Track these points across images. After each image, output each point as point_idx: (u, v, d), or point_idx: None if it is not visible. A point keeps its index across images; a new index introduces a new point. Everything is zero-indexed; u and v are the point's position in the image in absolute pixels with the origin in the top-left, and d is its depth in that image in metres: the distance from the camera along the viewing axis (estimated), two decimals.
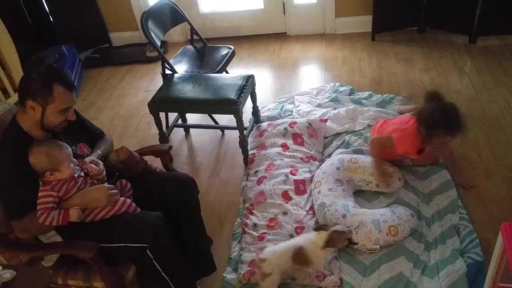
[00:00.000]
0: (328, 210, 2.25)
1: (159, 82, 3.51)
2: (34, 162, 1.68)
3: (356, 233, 2.13)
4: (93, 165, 1.83)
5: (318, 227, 2.03)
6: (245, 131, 2.77)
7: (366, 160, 2.49)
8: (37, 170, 1.70)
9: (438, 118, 2.19)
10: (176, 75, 2.94)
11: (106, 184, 1.81)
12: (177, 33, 4.53)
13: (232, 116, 2.66)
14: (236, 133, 2.80)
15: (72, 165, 1.74)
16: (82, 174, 1.80)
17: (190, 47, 3.38)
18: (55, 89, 1.68)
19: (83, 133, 1.99)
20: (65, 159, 1.71)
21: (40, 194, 1.69)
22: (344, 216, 2.20)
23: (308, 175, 2.58)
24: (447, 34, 4.05)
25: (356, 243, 2.06)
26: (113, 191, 1.78)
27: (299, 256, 1.94)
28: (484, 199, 2.40)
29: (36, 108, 1.70)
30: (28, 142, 1.71)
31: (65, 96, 1.71)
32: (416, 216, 2.25)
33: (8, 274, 1.49)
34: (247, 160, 2.82)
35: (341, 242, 1.96)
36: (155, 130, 2.93)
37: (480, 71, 3.50)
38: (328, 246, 1.93)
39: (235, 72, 3.27)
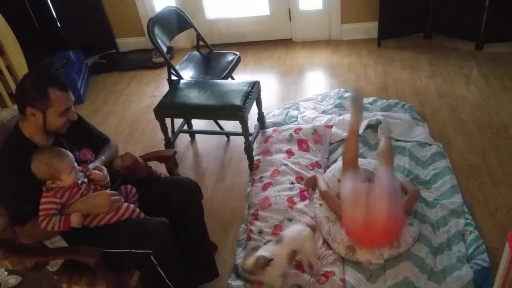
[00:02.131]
0: (333, 225, 2.25)
1: (165, 88, 3.52)
2: (35, 170, 1.68)
3: (360, 249, 2.11)
4: (96, 171, 1.83)
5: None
6: (250, 137, 2.77)
7: (369, 165, 2.47)
8: (38, 178, 1.70)
9: None
10: (182, 81, 2.95)
11: (108, 191, 1.81)
12: (183, 39, 4.55)
13: (237, 122, 2.67)
14: (241, 139, 2.80)
15: (73, 173, 1.73)
16: (86, 180, 1.79)
17: (196, 53, 3.39)
18: (51, 93, 1.68)
19: (87, 138, 2.00)
20: (65, 168, 1.70)
21: (42, 200, 1.69)
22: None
23: None
24: (453, 41, 4.04)
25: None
26: (115, 197, 1.78)
27: None
28: (491, 206, 2.38)
29: (37, 115, 1.70)
30: (31, 149, 1.71)
31: (62, 98, 1.71)
32: (419, 221, 2.24)
33: (13, 280, 1.50)
34: (252, 166, 2.82)
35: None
36: (161, 135, 2.93)
37: (487, 78, 3.48)
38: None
39: (240, 78, 3.27)
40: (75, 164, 1.77)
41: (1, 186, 1.71)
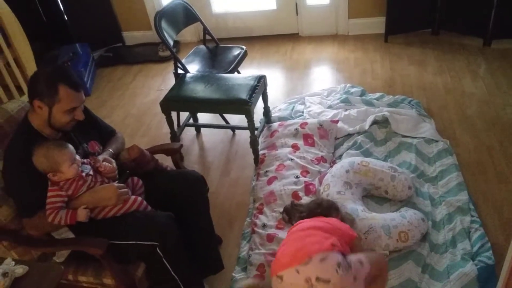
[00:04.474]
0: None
1: (171, 81, 3.53)
2: (36, 164, 1.69)
3: (366, 238, 2.10)
4: (106, 163, 1.84)
5: None
6: (256, 131, 2.77)
7: (377, 163, 2.47)
8: (40, 171, 1.71)
9: None
10: (188, 74, 2.96)
11: (115, 183, 1.82)
12: (190, 33, 4.55)
13: (243, 116, 2.67)
14: (247, 133, 2.81)
15: (75, 165, 1.72)
16: (91, 172, 1.80)
17: (202, 47, 3.39)
18: (61, 89, 1.69)
19: (94, 131, 2.01)
20: (65, 160, 1.69)
21: (48, 194, 1.70)
22: (353, 220, 2.18)
23: (318, 177, 2.58)
24: (461, 37, 4.01)
25: None
26: (122, 190, 1.79)
27: None
28: (496, 203, 2.37)
29: (43, 108, 1.71)
30: (40, 141, 1.72)
31: (70, 96, 1.71)
32: (427, 218, 2.23)
33: (20, 270, 1.50)
34: (258, 160, 2.82)
35: None
36: (166, 129, 2.94)
37: (494, 74, 3.46)
38: None
39: (247, 72, 3.27)
40: (77, 156, 1.76)
41: (9, 178, 1.72)
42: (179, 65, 3.04)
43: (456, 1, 3.83)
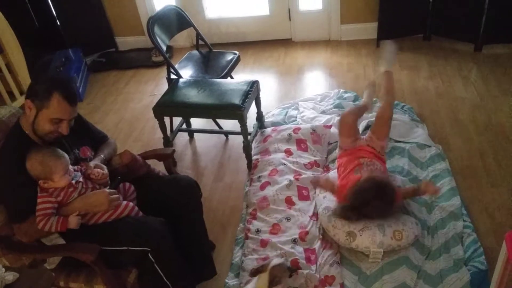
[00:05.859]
0: None
1: (164, 86, 3.53)
2: (29, 168, 1.68)
3: (361, 235, 2.10)
4: (98, 170, 1.83)
5: (255, 271, 1.94)
6: (249, 137, 2.77)
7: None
8: (32, 176, 1.69)
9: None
10: (181, 80, 2.96)
11: (107, 189, 1.81)
12: (183, 38, 4.55)
13: (236, 121, 2.67)
14: (240, 138, 2.81)
15: (67, 175, 1.72)
16: (81, 179, 1.79)
17: (195, 52, 3.39)
18: (54, 96, 1.68)
19: (86, 136, 2.00)
20: (59, 170, 1.69)
21: (38, 200, 1.69)
22: None
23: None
24: (452, 42, 4.05)
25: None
26: (114, 195, 1.78)
27: None
28: (489, 208, 2.39)
29: (32, 110, 1.71)
30: (31, 146, 1.71)
31: (61, 106, 1.70)
32: (420, 225, 2.23)
33: (10, 276, 1.50)
34: (251, 165, 2.82)
35: (284, 275, 1.93)
36: (159, 134, 2.94)
37: (486, 79, 3.49)
38: (274, 285, 1.86)
39: (240, 78, 3.27)
40: (70, 166, 1.76)
41: (0, 183, 1.71)
42: (172, 70, 3.04)
43: (447, 6, 3.86)
